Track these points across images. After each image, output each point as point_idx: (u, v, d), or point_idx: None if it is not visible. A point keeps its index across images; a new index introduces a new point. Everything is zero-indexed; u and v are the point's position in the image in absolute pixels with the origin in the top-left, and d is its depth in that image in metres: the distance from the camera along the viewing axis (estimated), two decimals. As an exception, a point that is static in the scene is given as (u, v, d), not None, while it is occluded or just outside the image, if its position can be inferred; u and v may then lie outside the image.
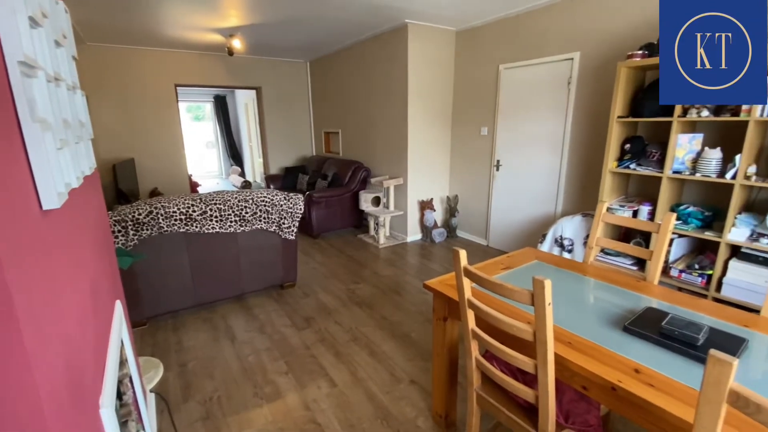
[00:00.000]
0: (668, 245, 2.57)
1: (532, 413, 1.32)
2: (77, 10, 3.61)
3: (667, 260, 2.60)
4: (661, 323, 1.25)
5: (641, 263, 2.77)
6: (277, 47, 5.51)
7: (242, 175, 9.85)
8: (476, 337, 1.36)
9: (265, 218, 3.00)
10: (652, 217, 2.72)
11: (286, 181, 6.22)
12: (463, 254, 1.31)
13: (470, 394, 1.50)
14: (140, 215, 2.52)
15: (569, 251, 3.13)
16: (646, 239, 2.83)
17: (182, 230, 2.69)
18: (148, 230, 2.57)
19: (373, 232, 4.94)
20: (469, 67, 4.44)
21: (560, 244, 3.17)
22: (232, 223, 2.86)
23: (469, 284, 1.33)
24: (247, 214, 2.90)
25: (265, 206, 2.97)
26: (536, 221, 3.97)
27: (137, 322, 2.77)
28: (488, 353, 1.53)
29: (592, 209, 3.33)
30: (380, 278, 3.69)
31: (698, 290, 2.46)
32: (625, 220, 1.96)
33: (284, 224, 3.12)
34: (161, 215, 2.58)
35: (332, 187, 5.22)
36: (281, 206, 3.05)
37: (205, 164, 10.65)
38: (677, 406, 0.96)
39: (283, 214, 3.08)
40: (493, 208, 4.43)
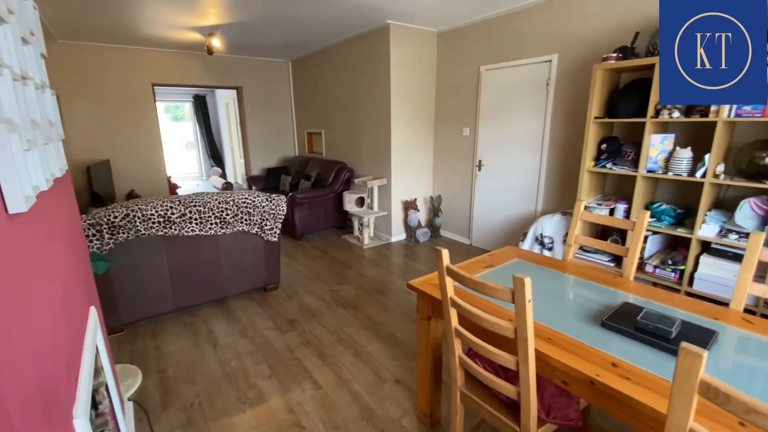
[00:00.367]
0: (643, 242, 2.66)
1: (514, 409, 1.34)
2: (48, 6, 3.48)
3: (642, 256, 2.69)
4: (636, 318, 1.29)
5: (618, 260, 2.86)
6: (257, 46, 5.43)
7: (223, 176, 9.68)
8: (459, 335, 1.37)
9: (246, 220, 2.96)
10: (628, 215, 2.80)
11: (268, 182, 6.14)
12: (445, 254, 1.32)
13: (454, 392, 1.52)
14: (116, 218, 2.44)
15: (549, 249, 3.19)
16: (622, 236, 2.92)
17: (160, 233, 2.62)
18: (124, 234, 2.49)
19: (357, 232, 4.93)
20: (450, 68, 4.48)
21: (541, 242, 3.23)
22: (212, 225, 2.81)
23: (451, 283, 1.34)
24: (228, 216, 2.85)
25: (246, 208, 2.93)
26: (517, 220, 4.04)
27: (114, 328, 2.68)
28: (471, 351, 1.55)
29: (571, 208, 3.41)
30: (365, 279, 3.68)
31: (672, 285, 2.55)
32: (602, 218, 2.01)
33: (266, 226, 3.08)
34: (138, 218, 2.51)
35: (316, 187, 5.18)
36: (263, 208, 3.01)
37: (184, 165, 10.42)
38: (652, 397, 0.99)
39: (265, 215, 3.04)
40: (475, 207, 4.48)
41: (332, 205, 5.10)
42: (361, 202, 4.89)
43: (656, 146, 2.57)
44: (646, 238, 2.67)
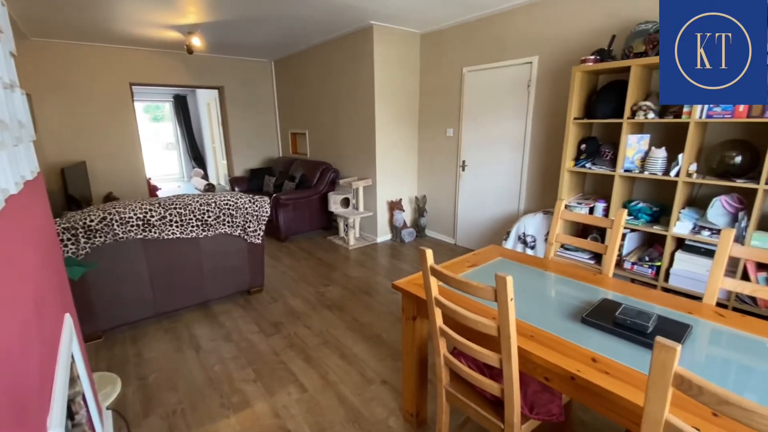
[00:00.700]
0: (621, 239, 2.73)
1: (498, 406, 1.36)
2: (18, 3, 3.35)
3: (620, 254, 2.76)
4: (615, 314, 1.32)
5: (598, 257, 2.93)
6: (239, 46, 5.36)
7: (205, 177, 9.50)
8: (444, 334, 1.38)
9: (229, 222, 2.91)
10: (606, 213, 2.87)
11: (251, 183, 6.06)
12: (429, 254, 1.32)
13: (439, 391, 1.53)
14: (92, 222, 2.37)
15: (532, 247, 3.25)
16: (601, 234, 2.99)
17: (140, 236, 2.56)
18: (101, 237, 2.42)
19: (342, 233, 4.91)
20: (434, 69, 4.51)
21: (523, 240, 3.28)
22: (193, 228, 2.75)
23: (435, 283, 1.35)
24: (209, 218, 2.80)
25: (228, 209, 2.88)
26: (501, 219, 4.10)
27: (91, 335, 2.60)
28: (456, 350, 1.56)
29: (552, 207, 3.48)
30: (350, 280, 3.67)
31: (649, 281, 2.62)
32: (581, 216, 2.06)
33: (250, 228, 3.04)
34: (116, 221, 2.44)
35: (300, 188, 5.14)
36: (246, 209, 2.97)
37: (165, 167, 10.19)
38: (630, 391, 1.02)
39: (248, 217, 3.00)
40: (459, 207, 4.53)
41: (317, 206, 5.07)
42: (346, 202, 4.87)
43: (633, 146, 2.64)
44: (624, 235, 2.75)
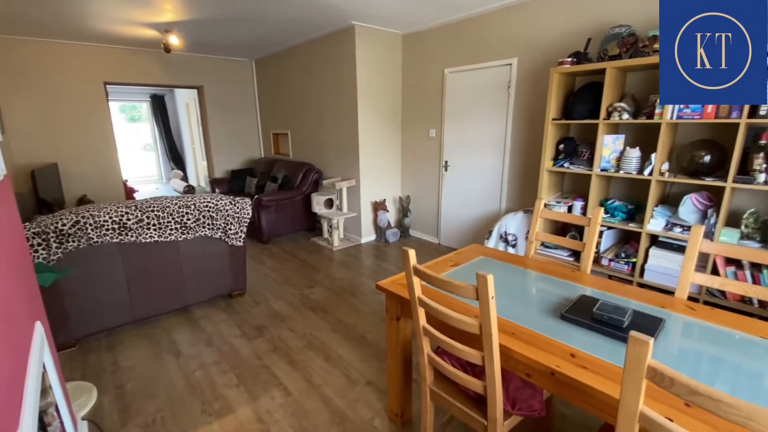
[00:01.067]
0: (598, 237, 2.81)
1: (481, 404, 1.37)
2: (-19, -3, 3.21)
3: (598, 251, 2.84)
4: (593, 309, 1.36)
5: (577, 254, 3.00)
6: (218, 45, 5.26)
7: (185, 179, 9.29)
8: (427, 333, 1.39)
9: (209, 224, 2.86)
10: (584, 211, 2.95)
11: (233, 184, 5.96)
12: (412, 254, 1.33)
13: (424, 390, 1.54)
14: (65, 226, 2.28)
15: (513, 246, 3.30)
16: (580, 232, 3.06)
17: (115, 241, 2.48)
18: (74, 242, 2.34)
19: (326, 234, 4.88)
20: (416, 70, 4.54)
21: (505, 239, 3.33)
22: (172, 231, 2.69)
23: (419, 283, 1.36)
24: (189, 220, 2.74)
25: (208, 212, 2.83)
26: (483, 218, 4.15)
27: (65, 343, 2.51)
28: (439, 349, 1.57)
29: (532, 205, 3.54)
30: (335, 281, 3.65)
31: (625, 277, 2.70)
32: (560, 215, 2.10)
33: (231, 230, 2.99)
34: (90, 225, 2.36)
35: (283, 189, 5.08)
36: (227, 211, 2.92)
37: (142, 168, 9.92)
38: (607, 384, 1.05)
39: (229, 219, 2.95)
40: (443, 207, 4.56)
41: (300, 207, 5.03)
42: (330, 203, 4.84)
43: (609, 146, 2.71)
44: (601, 233, 2.82)
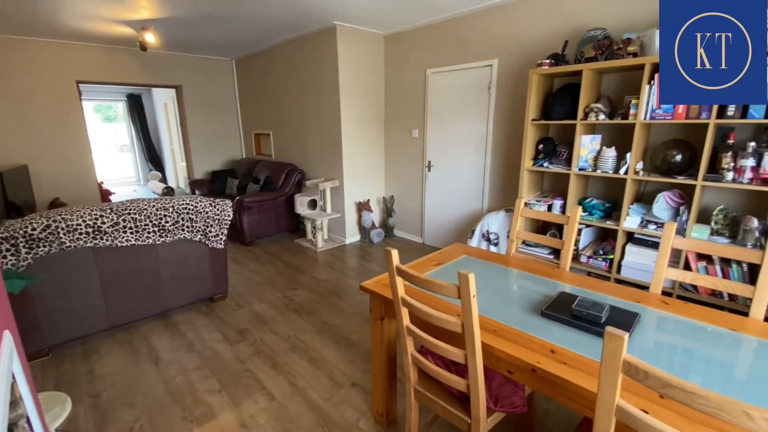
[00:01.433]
0: (577, 235, 2.87)
1: (465, 402, 1.39)
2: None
3: (577, 248, 2.90)
4: (572, 306, 1.39)
5: (557, 252, 3.06)
6: (197, 43, 5.16)
7: (163, 180, 9.07)
8: (411, 333, 1.40)
9: (188, 227, 2.79)
10: (564, 210, 3.01)
11: (213, 185, 5.85)
12: (395, 254, 1.33)
13: (408, 389, 1.54)
14: (35, 230, 2.20)
15: (495, 244, 3.35)
16: (559, 230, 3.13)
17: (90, 245, 2.40)
18: (45, 247, 2.25)
19: (310, 235, 4.84)
20: (398, 70, 4.55)
21: (487, 238, 3.38)
22: (150, 234, 2.62)
23: (402, 283, 1.36)
24: (167, 223, 2.67)
25: (188, 214, 2.76)
26: (466, 218, 4.19)
27: (37, 353, 2.41)
28: (423, 348, 1.58)
29: (514, 205, 3.60)
30: (319, 282, 3.62)
31: (603, 273, 2.77)
32: (540, 214, 2.14)
33: (211, 232, 2.93)
34: (62, 229, 2.28)
35: (265, 190, 5.02)
36: (207, 213, 2.86)
37: (119, 170, 9.63)
38: (586, 379, 1.07)
39: (209, 221, 2.89)
40: (426, 207, 4.59)
41: (283, 208, 4.97)
42: (313, 204, 4.81)
43: (586, 146, 2.78)
44: (579, 231, 2.89)
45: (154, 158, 9.23)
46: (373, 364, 1.84)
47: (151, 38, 4.33)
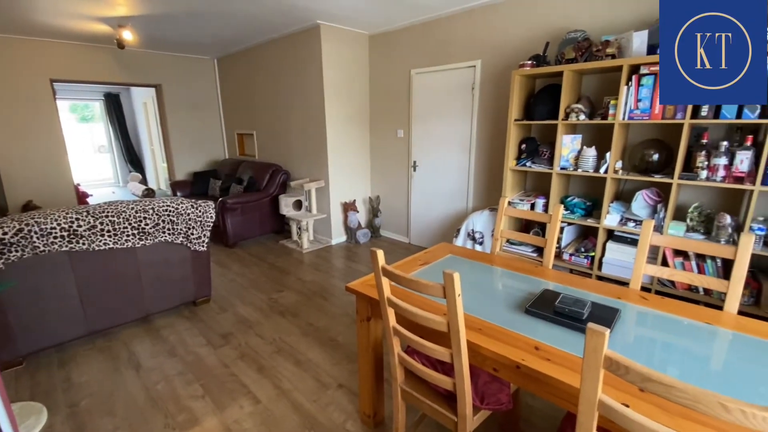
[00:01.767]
0: (560, 233, 2.92)
1: (451, 400, 1.39)
2: None
3: (559, 246, 2.95)
4: (555, 303, 1.41)
5: (540, 250, 3.11)
6: (178, 42, 5.05)
7: (144, 182, 8.86)
8: (397, 333, 1.39)
9: (169, 229, 2.73)
10: (546, 209, 3.06)
11: (195, 187, 5.73)
12: (380, 254, 1.33)
13: (395, 389, 1.54)
14: (6, 234, 2.11)
15: (480, 243, 3.38)
16: (542, 229, 3.18)
17: (65, 249, 2.32)
18: (17, 252, 2.17)
19: (295, 237, 4.80)
20: (383, 70, 4.55)
21: (472, 237, 3.41)
22: (129, 237, 2.55)
23: (387, 283, 1.36)
24: (147, 226, 2.61)
25: (168, 216, 2.70)
26: (451, 217, 4.22)
27: (11, 362, 2.32)
28: (410, 348, 1.58)
29: (498, 204, 3.64)
30: (305, 284, 3.59)
31: (585, 270, 2.83)
32: (523, 212, 2.17)
33: (193, 235, 2.87)
34: (35, 233, 2.20)
35: (249, 191, 4.94)
36: (188, 215, 2.80)
37: (97, 171, 9.36)
38: (569, 375, 1.09)
39: (191, 223, 2.83)
40: (412, 207, 4.60)
41: (268, 209, 4.91)
42: (298, 205, 4.76)
43: (567, 146, 2.83)
44: (562, 229, 2.94)
45: (133, 159, 9.00)
46: (359, 365, 1.83)
47: (128, 36, 4.22)
